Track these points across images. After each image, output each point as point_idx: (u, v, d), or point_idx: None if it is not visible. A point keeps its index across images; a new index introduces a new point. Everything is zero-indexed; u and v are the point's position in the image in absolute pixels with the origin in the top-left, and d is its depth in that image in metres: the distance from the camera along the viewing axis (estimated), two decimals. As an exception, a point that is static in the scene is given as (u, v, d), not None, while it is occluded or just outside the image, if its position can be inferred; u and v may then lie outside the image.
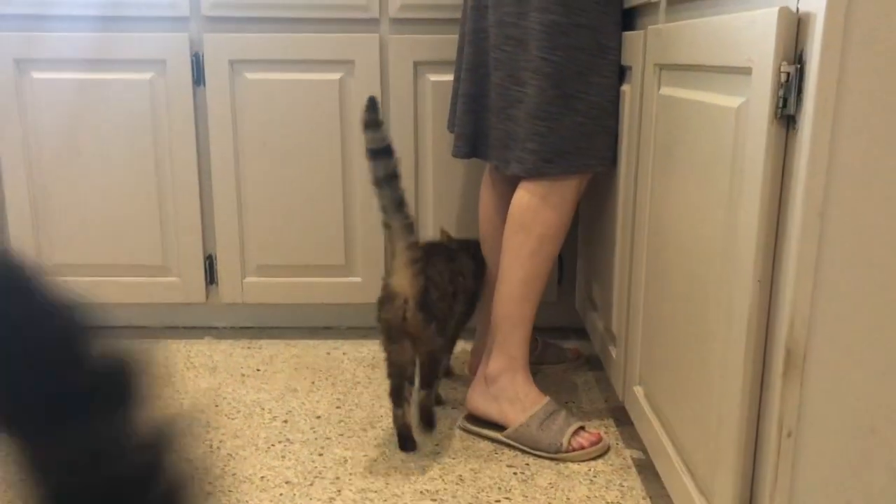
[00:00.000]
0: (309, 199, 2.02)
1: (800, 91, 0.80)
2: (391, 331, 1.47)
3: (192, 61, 1.95)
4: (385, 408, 1.71)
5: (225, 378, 1.87)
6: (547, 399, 1.57)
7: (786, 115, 0.82)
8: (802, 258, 0.80)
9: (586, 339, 2.01)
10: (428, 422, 1.60)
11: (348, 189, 2.03)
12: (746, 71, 0.89)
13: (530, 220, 1.55)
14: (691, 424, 1.09)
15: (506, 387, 1.57)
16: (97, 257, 2.06)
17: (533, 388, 1.58)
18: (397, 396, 1.51)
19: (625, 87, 1.51)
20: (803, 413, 0.83)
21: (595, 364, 1.93)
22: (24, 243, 2.04)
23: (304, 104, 1.98)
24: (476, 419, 1.61)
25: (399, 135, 1.99)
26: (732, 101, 0.94)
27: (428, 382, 1.56)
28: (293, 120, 1.99)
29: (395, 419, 1.54)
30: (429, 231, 2.05)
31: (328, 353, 2.02)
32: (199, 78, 1.97)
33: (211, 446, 1.55)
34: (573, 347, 1.97)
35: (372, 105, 1.40)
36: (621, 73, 1.55)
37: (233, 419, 1.66)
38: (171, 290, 2.07)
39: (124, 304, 2.11)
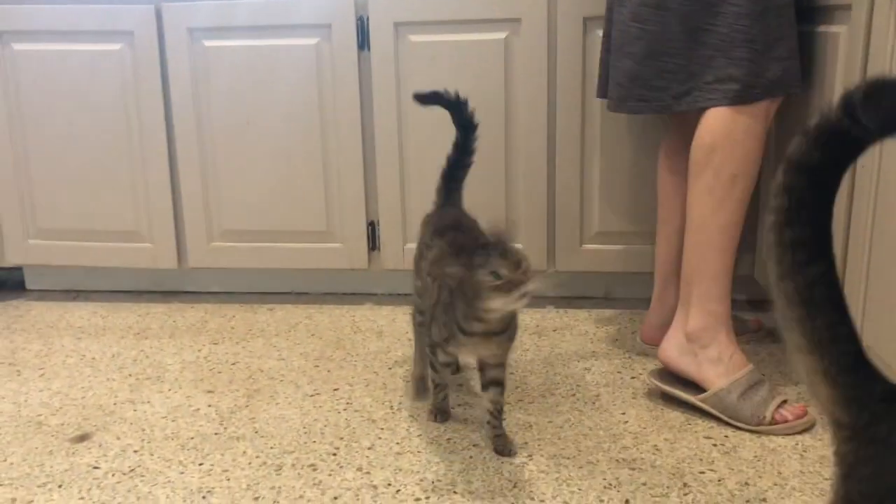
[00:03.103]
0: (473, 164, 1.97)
1: None
2: None
3: (357, 24, 1.94)
4: (560, 375, 1.65)
5: (392, 342, 1.85)
6: (751, 366, 1.46)
7: None
8: None
9: (763, 311, 1.88)
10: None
11: (510, 153, 1.97)
12: None
13: (718, 160, 1.43)
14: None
15: (708, 345, 1.47)
16: (264, 223, 2.09)
17: (737, 351, 1.48)
18: None
19: (838, 29, 1.38)
20: None
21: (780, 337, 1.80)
22: (195, 210, 2.09)
23: (469, 66, 1.93)
24: (667, 376, 1.52)
25: (565, 96, 1.91)
26: None
27: None
28: (457, 82, 1.93)
29: None
30: (594, 194, 1.96)
31: (492, 321, 1.97)
32: (363, 42, 1.95)
33: (391, 407, 1.53)
34: (755, 319, 1.84)
35: None
36: (810, 11, 1.42)
37: (407, 381, 1.64)
38: (334, 256, 2.08)
39: (287, 270, 2.14)
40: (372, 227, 2.06)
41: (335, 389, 1.62)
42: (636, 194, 1.95)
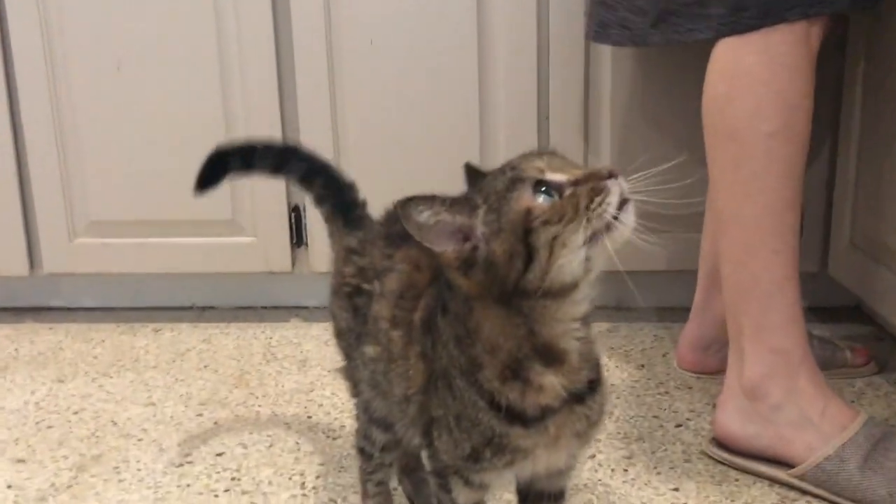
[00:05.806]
0: (436, 117, 1.43)
1: None
2: None
3: (268, -74, 1.38)
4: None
5: (319, 375, 1.28)
6: (864, 414, 0.93)
7: None
8: None
9: (850, 321, 1.35)
10: None
11: (486, 106, 1.42)
12: None
13: (739, 115, 0.94)
14: None
15: (783, 402, 0.94)
16: (146, 211, 1.51)
17: (833, 398, 0.95)
18: None
19: None
20: None
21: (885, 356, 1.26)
22: (50, 194, 1.51)
23: (427, -16, 1.38)
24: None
25: (562, 17, 1.37)
26: None
27: None
28: (411, 8, 1.39)
29: None
30: (601, 159, 1.41)
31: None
32: (277, -49, 1.40)
33: (302, 486, 0.95)
34: (858, 348, 1.25)
35: None
36: None
37: (335, 439, 1.06)
38: (243, 254, 1.51)
39: (180, 276, 1.56)
40: (296, 214, 1.50)
41: (218, 455, 1.03)
42: (660, 158, 1.41)
